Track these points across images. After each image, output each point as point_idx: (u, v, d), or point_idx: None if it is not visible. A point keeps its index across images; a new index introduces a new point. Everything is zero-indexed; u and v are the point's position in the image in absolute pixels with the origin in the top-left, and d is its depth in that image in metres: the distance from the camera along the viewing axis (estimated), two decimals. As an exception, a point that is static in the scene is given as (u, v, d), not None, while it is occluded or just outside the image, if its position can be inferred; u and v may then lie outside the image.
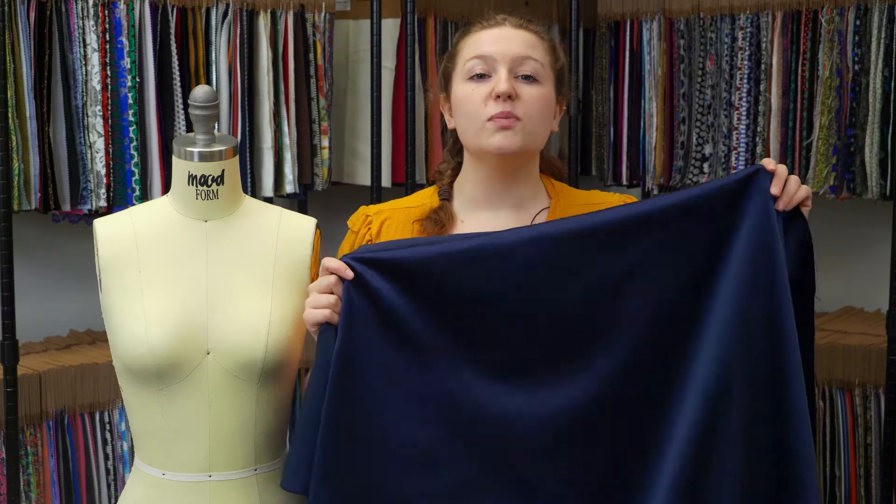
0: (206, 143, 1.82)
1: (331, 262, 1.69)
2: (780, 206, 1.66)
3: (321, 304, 1.68)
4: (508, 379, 1.66)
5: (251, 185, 3.09)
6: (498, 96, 1.74)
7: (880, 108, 3.05)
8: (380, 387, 1.67)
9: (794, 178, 1.68)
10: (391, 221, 1.88)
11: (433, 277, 1.67)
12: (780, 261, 1.63)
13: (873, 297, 3.50)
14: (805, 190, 1.68)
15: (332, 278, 1.68)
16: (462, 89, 1.80)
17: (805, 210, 1.69)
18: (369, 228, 1.88)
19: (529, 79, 1.77)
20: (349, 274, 1.67)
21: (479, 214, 1.84)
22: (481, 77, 1.77)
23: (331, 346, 1.67)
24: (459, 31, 1.88)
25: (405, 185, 3.18)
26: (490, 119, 1.75)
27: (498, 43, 1.78)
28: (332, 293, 1.68)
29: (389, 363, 1.67)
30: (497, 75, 1.76)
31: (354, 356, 1.66)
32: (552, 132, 1.85)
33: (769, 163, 1.67)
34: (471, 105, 1.78)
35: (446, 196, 1.88)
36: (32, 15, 2.75)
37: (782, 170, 1.67)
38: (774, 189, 1.65)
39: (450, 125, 1.87)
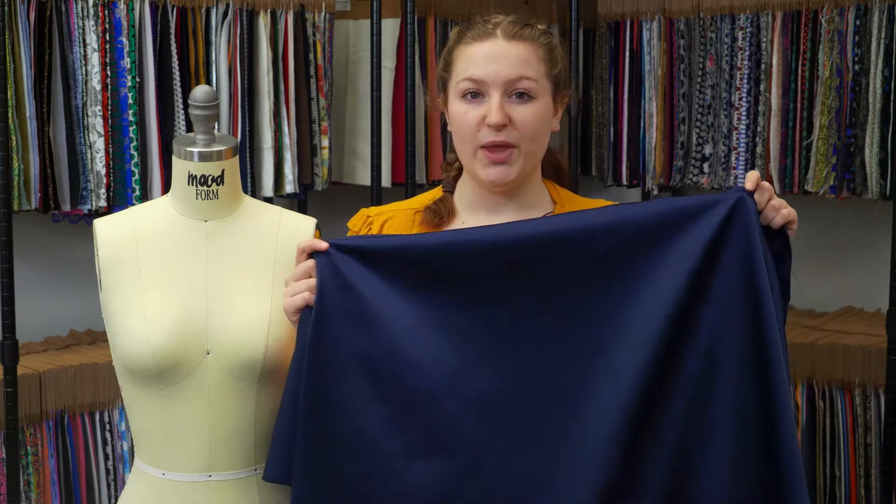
0: (206, 143, 1.82)
1: (303, 242, 1.71)
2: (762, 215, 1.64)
3: (299, 290, 1.68)
4: (480, 364, 1.66)
5: (251, 185, 3.09)
6: (490, 125, 1.73)
7: (880, 108, 3.05)
8: (353, 374, 1.67)
9: (778, 200, 1.65)
10: (393, 222, 1.86)
11: (407, 265, 1.68)
12: (761, 269, 1.61)
13: (873, 297, 3.50)
14: (790, 212, 1.65)
15: (309, 262, 1.69)
16: (456, 108, 1.77)
17: (790, 233, 1.66)
18: (370, 229, 1.86)
19: (524, 96, 1.74)
20: (322, 245, 1.67)
21: (480, 217, 1.83)
22: (475, 96, 1.75)
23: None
24: (454, 34, 1.83)
25: (405, 185, 3.18)
26: (483, 147, 1.74)
27: (490, 63, 1.74)
28: (309, 277, 1.69)
29: (361, 349, 1.67)
30: (490, 101, 1.73)
31: (327, 341, 1.66)
32: (554, 131, 1.83)
33: (752, 177, 1.63)
34: (464, 127, 1.76)
35: (450, 188, 1.87)
36: (32, 15, 2.75)
37: (767, 185, 1.64)
38: (757, 195, 1.62)
39: (450, 128, 1.86)
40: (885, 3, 3.04)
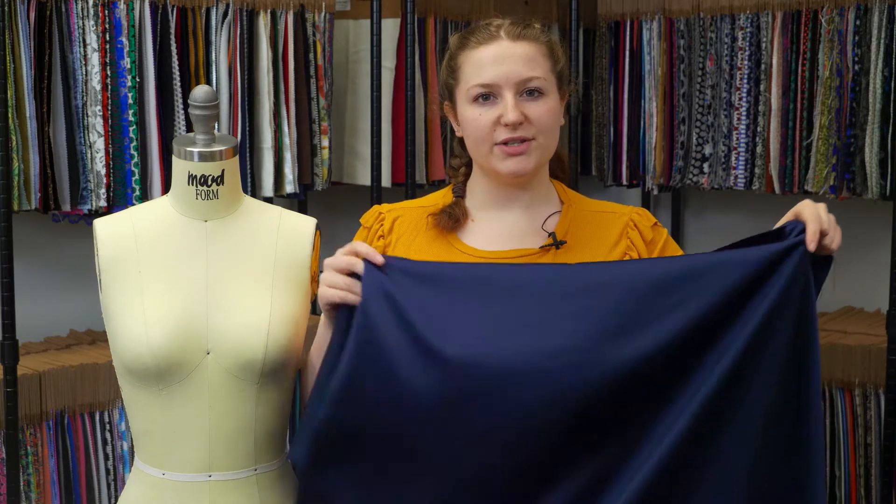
0: (206, 143, 1.82)
1: (361, 245, 1.71)
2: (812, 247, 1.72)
3: (339, 285, 1.69)
4: (524, 376, 1.64)
5: (251, 185, 3.09)
6: (507, 124, 1.76)
7: (880, 108, 3.05)
8: (394, 387, 1.65)
9: (834, 231, 1.73)
10: (403, 219, 1.89)
11: (458, 282, 1.69)
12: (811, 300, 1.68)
13: (873, 297, 3.50)
14: (839, 240, 1.73)
15: (355, 260, 1.69)
16: (469, 112, 1.80)
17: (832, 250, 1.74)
18: (381, 224, 1.89)
19: (534, 93, 1.78)
20: (379, 259, 1.68)
21: (489, 214, 1.87)
22: (486, 98, 1.78)
23: (343, 326, 1.67)
24: (456, 40, 1.85)
25: (405, 185, 3.18)
26: (499, 144, 1.77)
27: (499, 65, 1.77)
28: (350, 275, 1.69)
29: (405, 361, 1.65)
30: (504, 101, 1.76)
31: (374, 345, 1.65)
32: (560, 126, 1.86)
33: (813, 224, 1.72)
34: (479, 130, 1.79)
35: (460, 193, 1.90)
36: (32, 15, 2.75)
37: (829, 226, 1.75)
38: (812, 245, 1.71)
39: (458, 133, 1.88)
40: (885, 3, 3.04)
